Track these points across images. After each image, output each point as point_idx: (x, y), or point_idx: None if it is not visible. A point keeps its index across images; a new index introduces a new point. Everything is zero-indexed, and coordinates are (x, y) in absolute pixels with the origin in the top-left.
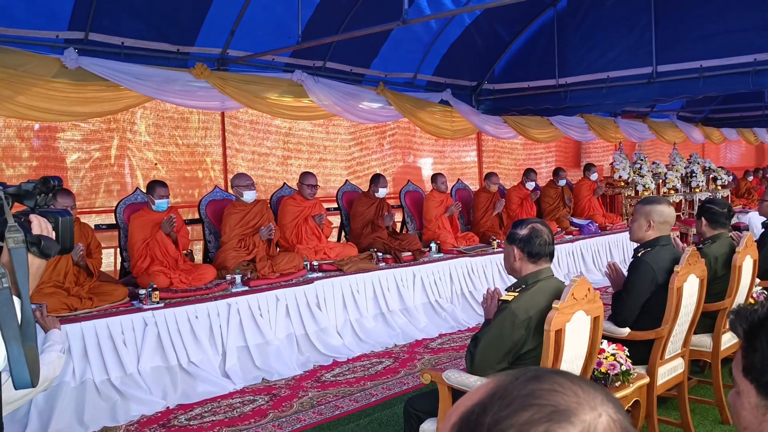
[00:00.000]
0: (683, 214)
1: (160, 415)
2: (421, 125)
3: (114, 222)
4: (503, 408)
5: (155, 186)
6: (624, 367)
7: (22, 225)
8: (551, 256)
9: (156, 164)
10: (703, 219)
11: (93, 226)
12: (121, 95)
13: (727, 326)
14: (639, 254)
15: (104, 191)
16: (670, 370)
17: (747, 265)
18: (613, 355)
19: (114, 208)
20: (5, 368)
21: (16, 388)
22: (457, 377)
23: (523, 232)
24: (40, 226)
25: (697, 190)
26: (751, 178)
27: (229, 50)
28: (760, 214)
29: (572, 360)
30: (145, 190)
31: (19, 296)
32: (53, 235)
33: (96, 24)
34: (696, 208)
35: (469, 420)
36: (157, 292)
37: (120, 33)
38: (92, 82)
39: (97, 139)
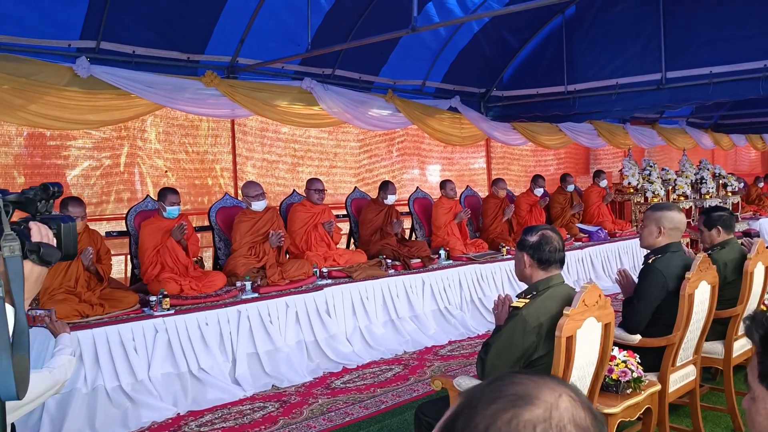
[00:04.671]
0: (693, 220)
1: (170, 421)
2: (430, 132)
3: (125, 229)
4: (472, 410)
5: (166, 193)
6: (635, 374)
7: (21, 232)
8: (562, 262)
9: (166, 172)
10: (718, 227)
11: (104, 233)
12: (132, 103)
13: (739, 333)
14: (649, 261)
15: (115, 199)
16: (682, 377)
17: (759, 271)
18: (624, 361)
19: (125, 216)
20: None
21: (0, 399)
22: (469, 384)
23: (533, 238)
24: (40, 232)
25: (707, 196)
26: (761, 184)
27: (239, 58)
28: None
29: (583, 367)
30: (155, 198)
31: (13, 305)
32: (54, 241)
33: (107, 33)
34: None
35: (445, 430)
36: (167, 299)
37: (131, 42)
38: (104, 91)
39: (107, 146)
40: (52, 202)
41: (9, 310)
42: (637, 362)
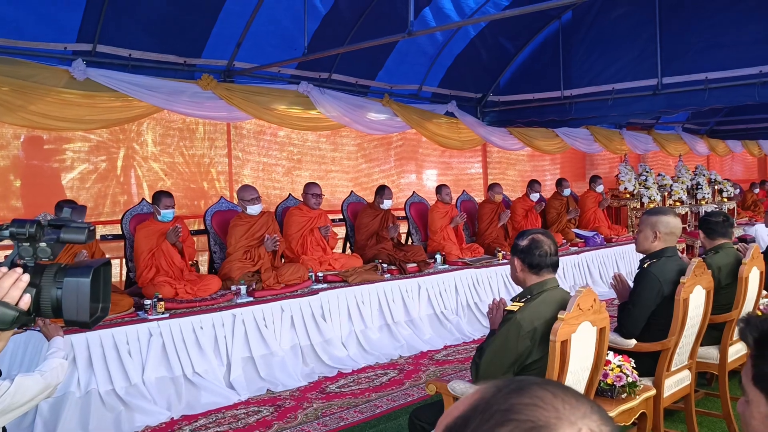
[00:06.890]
0: (689, 226)
1: (164, 426)
2: (429, 136)
3: (120, 232)
4: (483, 422)
5: (161, 196)
6: (630, 379)
7: None
8: (555, 266)
9: (166, 176)
10: (700, 232)
11: (99, 237)
12: (131, 105)
13: (734, 338)
14: (645, 265)
15: (111, 202)
16: (677, 382)
17: (753, 276)
18: (619, 366)
19: (120, 219)
20: (6, 377)
21: None
22: (463, 388)
23: (524, 243)
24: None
25: (703, 202)
26: (757, 190)
27: (236, 62)
28: (766, 226)
29: (578, 371)
30: (150, 201)
31: None
32: (24, 299)
33: (104, 36)
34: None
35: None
36: (162, 303)
37: (127, 45)
38: (103, 93)
39: (104, 150)
40: (44, 246)
41: None
42: (632, 367)
